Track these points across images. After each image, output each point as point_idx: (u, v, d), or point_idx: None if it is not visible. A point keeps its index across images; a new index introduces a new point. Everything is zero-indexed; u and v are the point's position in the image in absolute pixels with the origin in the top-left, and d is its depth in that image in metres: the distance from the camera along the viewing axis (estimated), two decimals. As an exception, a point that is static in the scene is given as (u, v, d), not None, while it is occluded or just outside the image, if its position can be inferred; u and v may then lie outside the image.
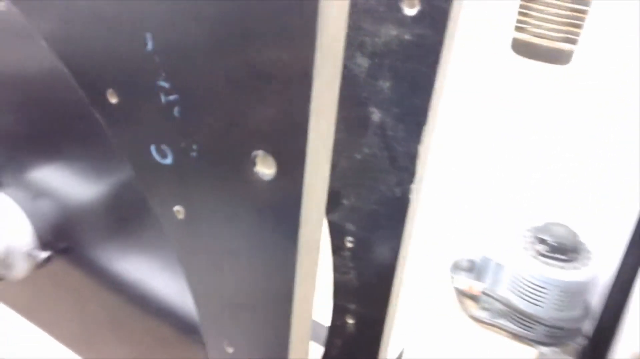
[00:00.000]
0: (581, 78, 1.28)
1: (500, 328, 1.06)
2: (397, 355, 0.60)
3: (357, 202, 0.51)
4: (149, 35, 0.31)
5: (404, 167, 0.47)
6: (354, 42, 0.44)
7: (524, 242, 1.05)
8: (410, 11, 0.41)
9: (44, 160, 0.50)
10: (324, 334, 0.60)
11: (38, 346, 0.74)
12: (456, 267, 1.20)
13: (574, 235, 1.05)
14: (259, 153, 0.30)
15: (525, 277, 1.01)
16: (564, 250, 1.01)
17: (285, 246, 0.31)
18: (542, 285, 0.99)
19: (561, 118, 1.28)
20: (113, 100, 0.35)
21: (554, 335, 1.02)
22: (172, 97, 0.32)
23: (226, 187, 0.32)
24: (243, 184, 0.31)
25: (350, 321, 0.56)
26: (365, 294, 0.54)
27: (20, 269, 0.56)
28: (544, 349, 1.01)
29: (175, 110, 0.32)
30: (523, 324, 1.04)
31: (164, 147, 0.34)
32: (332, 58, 0.27)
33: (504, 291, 1.04)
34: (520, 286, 1.02)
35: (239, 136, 0.30)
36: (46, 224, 0.54)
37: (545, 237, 1.03)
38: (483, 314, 1.06)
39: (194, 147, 0.32)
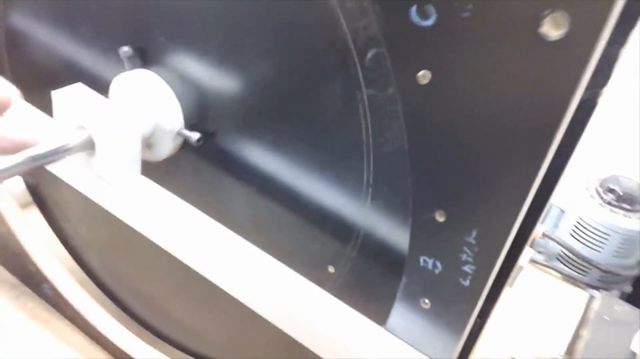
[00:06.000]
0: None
1: (555, 270, 1.10)
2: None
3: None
4: None
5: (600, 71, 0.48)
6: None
7: (590, 190, 1.08)
8: None
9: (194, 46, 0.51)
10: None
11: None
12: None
13: (640, 187, 1.07)
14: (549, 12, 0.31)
15: (589, 223, 1.04)
16: (630, 200, 1.04)
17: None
18: (605, 231, 1.02)
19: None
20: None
21: (606, 280, 1.06)
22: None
23: (495, 51, 0.33)
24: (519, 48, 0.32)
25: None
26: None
27: (165, 149, 0.57)
28: (594, 292, 1.06)
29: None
30: (578, 268, 1.07)
31: (428, 7, 0.35)
32: None
33: (565, 235, 1.07)
34: (582, 231, 1.05)
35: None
36: (193, 107, 0.55)
37: (613, 187, 1.06)
38: (539, 257, 1.10)
39: (469, 6, 0.34)
